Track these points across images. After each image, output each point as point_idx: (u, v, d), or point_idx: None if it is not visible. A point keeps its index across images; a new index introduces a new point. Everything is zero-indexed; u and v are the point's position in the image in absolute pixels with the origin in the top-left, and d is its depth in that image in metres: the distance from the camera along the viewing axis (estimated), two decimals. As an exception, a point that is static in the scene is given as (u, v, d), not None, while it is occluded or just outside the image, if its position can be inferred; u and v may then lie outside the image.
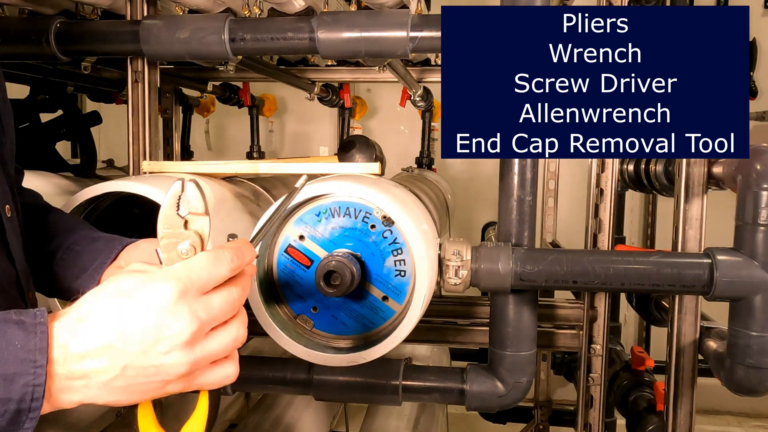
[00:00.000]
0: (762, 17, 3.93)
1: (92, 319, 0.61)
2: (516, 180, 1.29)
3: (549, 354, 2.90)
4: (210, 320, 0.64)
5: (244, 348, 2.46)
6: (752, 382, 1.26)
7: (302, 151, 4.42)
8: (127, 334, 0.60)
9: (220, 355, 0.66)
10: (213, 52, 1.44)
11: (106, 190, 1.22)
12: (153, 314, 0.61)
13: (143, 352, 0.61)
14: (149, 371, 0.62)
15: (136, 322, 0.61)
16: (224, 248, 0.67)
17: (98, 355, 0.60)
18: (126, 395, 0.63)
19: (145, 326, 0.61)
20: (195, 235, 0.67)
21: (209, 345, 0.64)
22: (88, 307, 0.62)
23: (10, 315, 0.60)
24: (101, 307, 0.62)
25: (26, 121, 2.16)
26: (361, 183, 1.14)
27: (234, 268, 0.66)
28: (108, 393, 0.62)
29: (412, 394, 1.44)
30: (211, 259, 0.65)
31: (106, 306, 0.62)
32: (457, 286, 1.27)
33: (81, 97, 2.91)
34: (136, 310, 0.61)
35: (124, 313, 0.61)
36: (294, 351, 1.16)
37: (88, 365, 0.60)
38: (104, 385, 0.61)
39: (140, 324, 0.61)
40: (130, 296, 0.62)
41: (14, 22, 1.55)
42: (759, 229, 1.21)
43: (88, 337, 0.60)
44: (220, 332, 0.65)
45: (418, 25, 1.36)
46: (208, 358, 0.65)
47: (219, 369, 0.67)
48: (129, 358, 0.61)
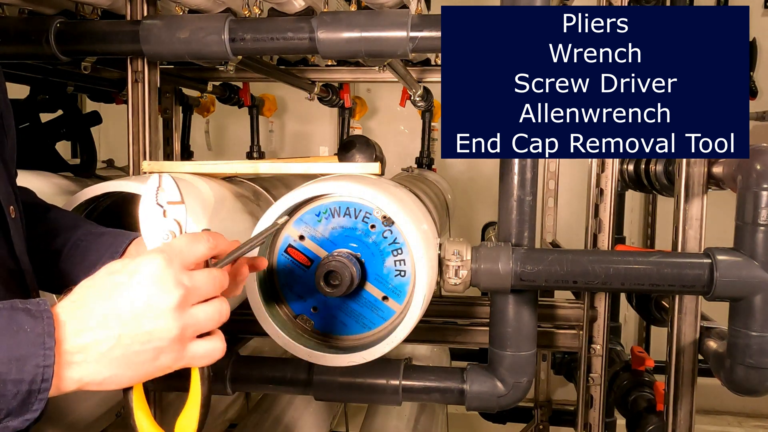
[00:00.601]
0: (762, 17, 3.93)
1: (87, 297, 0.66)
2: (516, 180, 1.29)
3: (549, 354, 2.90)
4: (194, 289, 0.68)
5: (244, 348, 2.46)
6: (752, 382, 1.26)
7: (302, 151, 4.42)
8: (120, 305, 0.65)
9: (205, 325, 0.70)
10: (213, 52, 1.44)
11: (106, 190, 1.22)
12: (142, 285, 0.66)
13: (136, 320, 0.65)
14: (143, 338, 0.66)
15: (127, 294, 0.65)
16: (201, 232, 0.73)
17: (95, 327, 0.64)
18: (122, 368, 0.66)
19: (136, 296, 0.65)
20: (174, 222, 0.75)
21: (196, 312, 0.69)
22: (83, 290, 0.67)
23: (16, 303, 0.64)
24: (94, 286, 0.67)
25: (26, 121, 2.16)
26: (361, 183, 1.14)
27: (211, 247, 0.72)
28: (106, 366, 0.65)
29: (412, 394, 1.44)
30: (189, 238, 0.72)
31: (99, 285, 0.67)
32: (457, 286, 1.27)
33: (81, 97, 2.91)
34: (127, 283, 0.66)
35: (115, 288, 0.66)
36: (294, 351, 1.16)
37: (86, 338, 0.64)
38: (102, 357, 0.65)
39: (131, 295, 0.65)
40: (120, 273, 0.67)
41: (14, 22, 1.55)
42: (759, 229, 1.21)
43: (85, 314, 0.65)
44: (205, 305, 0.70)
45: (418, 25, 1.36)
46: (195, 325, 0.69)
47: (207, 341, 0.71)
48: (123, 326, 0.65)
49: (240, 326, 1.65)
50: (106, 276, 0.67)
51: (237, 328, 1.67)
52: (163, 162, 1.52)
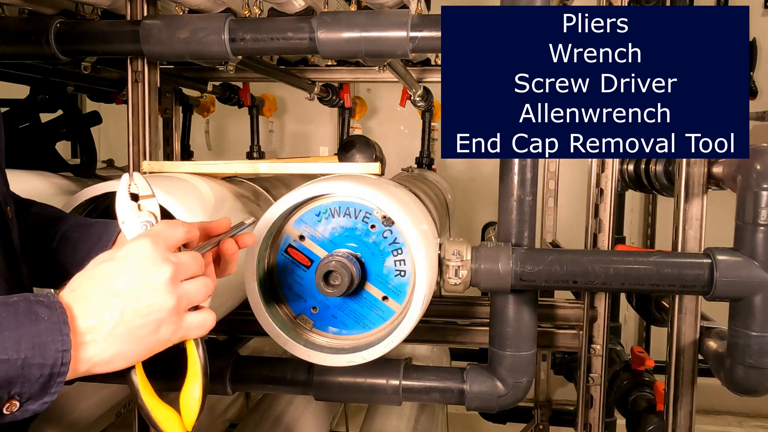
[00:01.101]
0: (762, 17, 3.93)
1: (85, 286, 0.71)
2: (516, 180, 1.29)
3: (549, 354, 2.90)
4: (182, 265, 0.75)
5: (244, 348, 2.46)
6: (752, 382, 1.26)
7: (302, 151, 4.42)
8: (118, 287, 0.70)
9: (196, 297, 0.76)
10: (213, 52, 1.44)
11: (106, 190, 1.22)
12: (136, 265, 0.72)
13: (135, 296, 0.71)
14: (144, 312, 0.71)
15: (123, 275, 0.71)
16: (176, 219, 0.81)
17: (99, 309, 0.69)
18: (128, 343, 0.71)
19: (132, 276, 0.71)
20: (149, 214, 0.81)
21: (187, 286, 0.75)
22: (79, 280, 0.72)
23: (29, 296, 0.68)
24: (91, 277, 0.72)
25: (26, 121, 2.16)
26: (361, 183, 1.14)
27: (187, 230, 0.79)
28: (113, 343, 0.70)
29: (412, 394, 1.44)
30: (166, 224, 0.78)
31: (95, 274, 0.72)
32: (457, 286, 1.27)
33: (81, 97, 2.91)
34: (120, 267, 0.72)
35: (110, 273, 0.71)
36: (294, 351, 1.16)
37: (93, 320, 0.69)
38: (108, 335, 0.70)
39: (128, 275, 0.71)
40: (113, 259, 0.72)
41: (14, 22, 1.55)
42: (759, 229, 1.21)
43: (87, 299, 0.70)
44: (193, 281, 0.76)
45: (418, 25, 1.36)
46: (188, 297, 0.75)
47: (200, 313, 0.77)
48: (124, 303, 0.70)
49: (240, 326, 1.66)
50: (98, 265, 0.72)
51: (237, 328, 1.68)
52: (163, 162, 1.52)
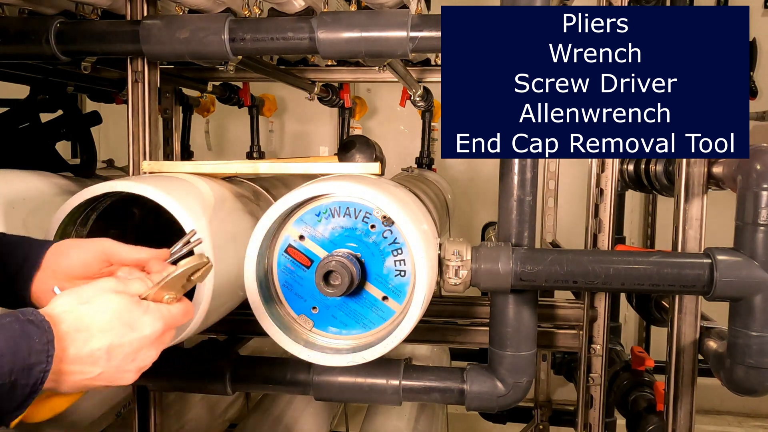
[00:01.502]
0: (762, 17, 3.93)
1: (82, 323, 0.73)
2: (516, 180, 1.29)
3: (549, 354, 2.90)
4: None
5: (244, 348, 2.46)
6: (752, 382, 1.26)
7: (302, 151, 4.42)
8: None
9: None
10: (213, 52, 1.44)
11: (106, 190, 1.22)
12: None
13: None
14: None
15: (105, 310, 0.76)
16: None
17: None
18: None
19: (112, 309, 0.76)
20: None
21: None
22: (72, 317, 0.73)
23: (17, 314, 0.69)
24: (80, 312, 0.74)
25: (26, 121, 2.16)
26: (361, 183, 1.14)
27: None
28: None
29: (412, 394, 1.44)
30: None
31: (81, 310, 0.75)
32: (457, 286, 1.27)
33: (81, 97, 2.91)
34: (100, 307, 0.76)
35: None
36: (294, 351, 1.16)
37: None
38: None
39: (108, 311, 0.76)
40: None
41: (14, 22, 1.55)
42: (759, 229, 1.21)
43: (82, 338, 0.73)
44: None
45: (418, 25, 1.36)
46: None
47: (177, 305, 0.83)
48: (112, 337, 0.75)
49: (240, 326, 1.66)
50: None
51: (237, 328, 1.68)
52: (163, 162, 1.52)
